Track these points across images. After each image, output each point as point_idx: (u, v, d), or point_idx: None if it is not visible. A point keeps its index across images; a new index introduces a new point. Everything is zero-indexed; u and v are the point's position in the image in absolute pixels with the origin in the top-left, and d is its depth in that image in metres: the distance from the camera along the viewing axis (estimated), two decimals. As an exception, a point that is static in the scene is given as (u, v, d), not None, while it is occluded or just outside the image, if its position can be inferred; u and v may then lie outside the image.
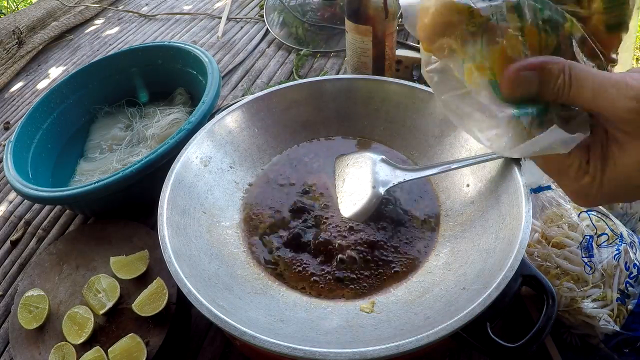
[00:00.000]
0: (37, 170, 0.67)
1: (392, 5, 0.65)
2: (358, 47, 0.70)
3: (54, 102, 0.75)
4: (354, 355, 0.33)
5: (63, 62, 1.10)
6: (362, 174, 0.53)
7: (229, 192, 0.55)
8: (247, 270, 0.48)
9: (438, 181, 0.55)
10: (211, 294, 0.40)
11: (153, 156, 0.57)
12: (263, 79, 0.92)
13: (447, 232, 0.50)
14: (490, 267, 0.41)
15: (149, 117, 0.77)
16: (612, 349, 0.43)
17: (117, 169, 0.68)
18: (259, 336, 0.35)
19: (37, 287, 0.52)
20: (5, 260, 0.64)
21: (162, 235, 0.43)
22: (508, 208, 0.44)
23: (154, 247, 0.51)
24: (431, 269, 0.47)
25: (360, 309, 0.44)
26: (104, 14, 1.30)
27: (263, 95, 0.59)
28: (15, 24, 1.12)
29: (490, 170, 0.49)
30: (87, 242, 0.57)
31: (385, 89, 0.60)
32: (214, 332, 0.51)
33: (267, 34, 1.05)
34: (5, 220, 0.70)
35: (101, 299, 0.48)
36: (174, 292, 0.48)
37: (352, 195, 0.52)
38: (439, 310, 0.40)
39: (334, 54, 0.95)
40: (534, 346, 0.35)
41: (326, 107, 0.61)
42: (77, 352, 0.45)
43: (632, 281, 0.44)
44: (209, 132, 0.55)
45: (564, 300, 0.44)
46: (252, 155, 0.59)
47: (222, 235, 0.50)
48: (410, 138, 0.59)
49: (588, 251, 0.45)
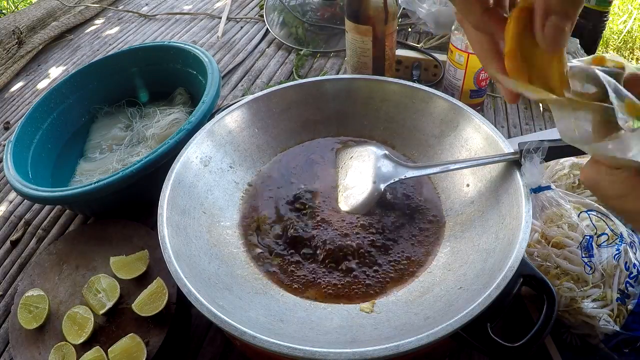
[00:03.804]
0: (37, 170, 0.67)
1: (392, 6, 0.65)
2: (358, 47, 0.70)
3: (54, 102, 0.74)
4: (354, 355, 0.33)
5: (63, 62, 1.10)
6: (364, 168, 0.53)
7: (228, 192, 0.55)
8: (247, 270, 0.48)
9: (438, 181, 0.55)
10: (211, 294, 0.40)
11: (153, 156, 0.57)
12: (263, 79, 0.92)
13: (447, 232, 0.50)
14: (490, 267, 0.41)
15: (149, 117, 0.77)
16: (612, 349, 0.43)
17: (117, 169, 0.68)
18: (259, 336, 0.35)
19: (37, 287, 0.52)
20: (5, 260, 0.64)
21: (162, 235, 0.43)
22: (508, 208, 0.44)
23: (154, 247, 0.51)
24: (431, 269, 0.47)
25: (360, 309, 0.44)
26: (104, 14, 1.30)
27: (263, 95, 0.59)
28: (15, 24, 1.11)
29: (490, 170, 0.49)
30: (87, 242, 0.57)
31: (385, 89, 0.60)
32: (214, 332, 0.51)
33: (267, 34, 1.05)
34: (5, 220, 0.70)
35: (101, 299, 0.48)
36: (174, 292, 0.48)
37: (353, 189, 0.52)
38: (439, 310, 0.40)
39: (334, 54, 0.95)
40: (534, 346, 0.35)
41: (326, 107, 0.61)
42: (77, 352, 0.45)
43: (632, 281, 0.44)
44: (209, 132, 0.55)
45: (564, 300, 0.44)
46: (252, 155, 0.59)
47: (222, 235, 0.50)
48: (410, 138, 0.59)
49: (588, 251, 0.45)
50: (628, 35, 1.92)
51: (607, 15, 0.75)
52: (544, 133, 0.71)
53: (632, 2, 2.05)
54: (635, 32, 1.93)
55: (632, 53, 1.88)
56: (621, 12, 2.02)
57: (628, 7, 2.03)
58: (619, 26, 1.96)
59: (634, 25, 1.94)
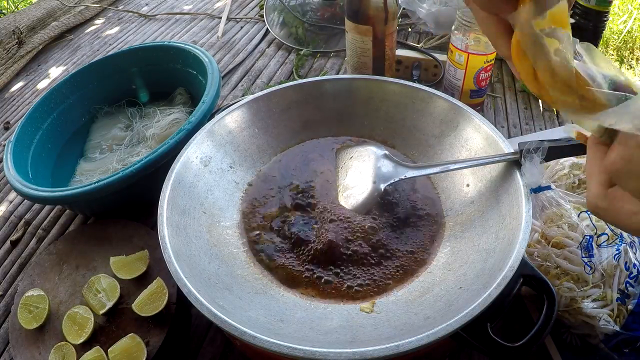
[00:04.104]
0: (37, 170, 0.67)
1: (392, 6, 0.65)
2: (358, 47, 0.70)
3: (54, 102, 0.74)
4: (354, 355, 0.33)
5: (63, 62, 1.10)
6: (364, 168, 0.52)
7: (229, 192, 0.55)
8: (247, 270, 0.48)
9: (438, 181, 0.55)
10: (211, 294, 0.40)
11: (153, 156, 0.57)
12: (263, 79, 0.92)
13: (447, 232, 0.50)
14: (490, 267, 0.41)
15: (149, 117, 0.77)
16: (612, 349, 0.43)
17: (117, 169, 0.68)
18: (259, 336, 0.35)
19: (37, 287, 0.52)
20: (5, 260, 0.64)
21: (162, 235, 0.43)
22: (508, 208, 0.44)
23: (154, 247, 0.51)
24: (431, 269, 0.47)
25: (360, 309, 0.44)
26: (104, 14, 1.30)
27: (263, 95, 0.59)
28: (15, 24, 1.11)
29: (490, 170, 0.49)
30: (87, 242, 0.57)
31: (385, 89, 0.60)
32: (214, 332, 0.51)
33: (267, 34, 1.05)
34: (5, 220, 0.70)
35: (101, 299, 0.48)
36: (174, 292, 0.48)
37: (353, 189, 0.52)
38: (439, 310, 0.40)
39: (334, 54, 0.95)
40: (534, 346, 0.35)
41: (326, 107, 0.61)
42: (77, 352, 0.45)
43: (632, 281, 0.44)
44: (209, 132, 0.55)
45: (564, 300, 0.44)
46: (252, 155, 0.59)
47: (222, 235, 0.50)
48: (410, 138, 0.59)
49: (588, 251, 0.45)
50: (628, 35, 1.92)
51: (607, 15, 0.75)
52: (544, 133, 0.71)
53: (632, 2, 2.05)
54: (635, 32, 1.93)
55: (632, 53, 1.88)
56: (621, 12, 2.02)
57: (628, 7, 2.03)
58: (619, 26, 1.96)
59: (634, 25, 1.94)
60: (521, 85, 0.81)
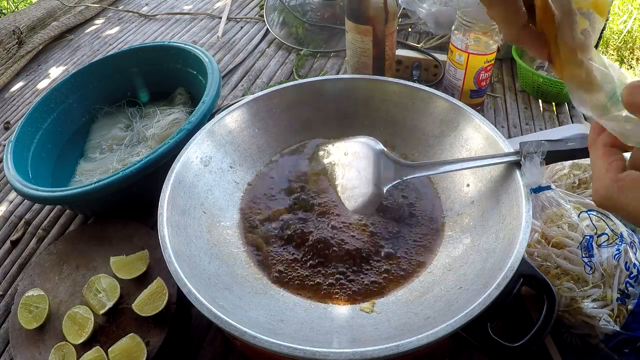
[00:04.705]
0: (37, 170, 0.67)
1: (392, 6, 0.65)
2: (358, 47, 0.70)
3: (54, 102, 0.74)
4: (354, 355, 0.33)
5: (63, 62, 1.10)
6: (363, 168, 0.51)
7: (229, 192, 0.55)
8: (247, 270, 0.48)
9: (438, 181, 0.55)
10: (211, 294, 0.40)
11: (153, 156, 0.57)
12: (263, 79, 0.92)
13: (447, 232, 0.50)
14: (490, 267, 0.41)
15: (149, 117, 0.77)
16: (612, 349, 0.43)
17: (117, 169, 0.68)
18: (259, 336, 0.35)
19: (37, 287, 0.52)
20: (5, 260, 0.64)
21: (162, 235, 0.43)
22: (508, 208, 0.44)
23: (154, 247, 0.51)
24: (431, 269, 0.47)
25: (360, 309, 0.44)
26: (104, 14, 1.30)
27: (263, 95, 0.59)
28: (15, 24, 1.11)
29: (490, 170, 0.49)
30: (87, 242, 0.57)
31: (385, 89, 0.60)
32: (214, 332, 0.51)
33: (267, 34, 1.05)
34: (5, 220, 0.70)
35: (101, 299, 0.48)
36: (174, 292, 0.48)
37: (353, 190, 0.51)
38: (439, 310, 0.40)
39: (334, 54, 0.95)
40: (534, 346, 0.35)
41: (326, 107, 0.61)
42: (77, 352, 0.45)
43: (632, 281, 0.44)
44: (209, 132, 0.55)
45: (564, 300, 0.44)
46: (252, 155, 0.59)
47: (222, 235, 0.50)
48: (410, 138, 0.59)
49: (588, 251, 0.45)
50: (628, 35, 1.92)
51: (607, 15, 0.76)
52: (544, 133, 0.71)
53: (632, 2, 2.05)
54: (635, 32, 1.93)
55: (632, 53, 1.88)
56: (621, 12, 2.03)
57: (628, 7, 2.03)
58: (619, 26, 1.96)
59: (634, 25, 1.95)
60: (521, 85, 0.81)
